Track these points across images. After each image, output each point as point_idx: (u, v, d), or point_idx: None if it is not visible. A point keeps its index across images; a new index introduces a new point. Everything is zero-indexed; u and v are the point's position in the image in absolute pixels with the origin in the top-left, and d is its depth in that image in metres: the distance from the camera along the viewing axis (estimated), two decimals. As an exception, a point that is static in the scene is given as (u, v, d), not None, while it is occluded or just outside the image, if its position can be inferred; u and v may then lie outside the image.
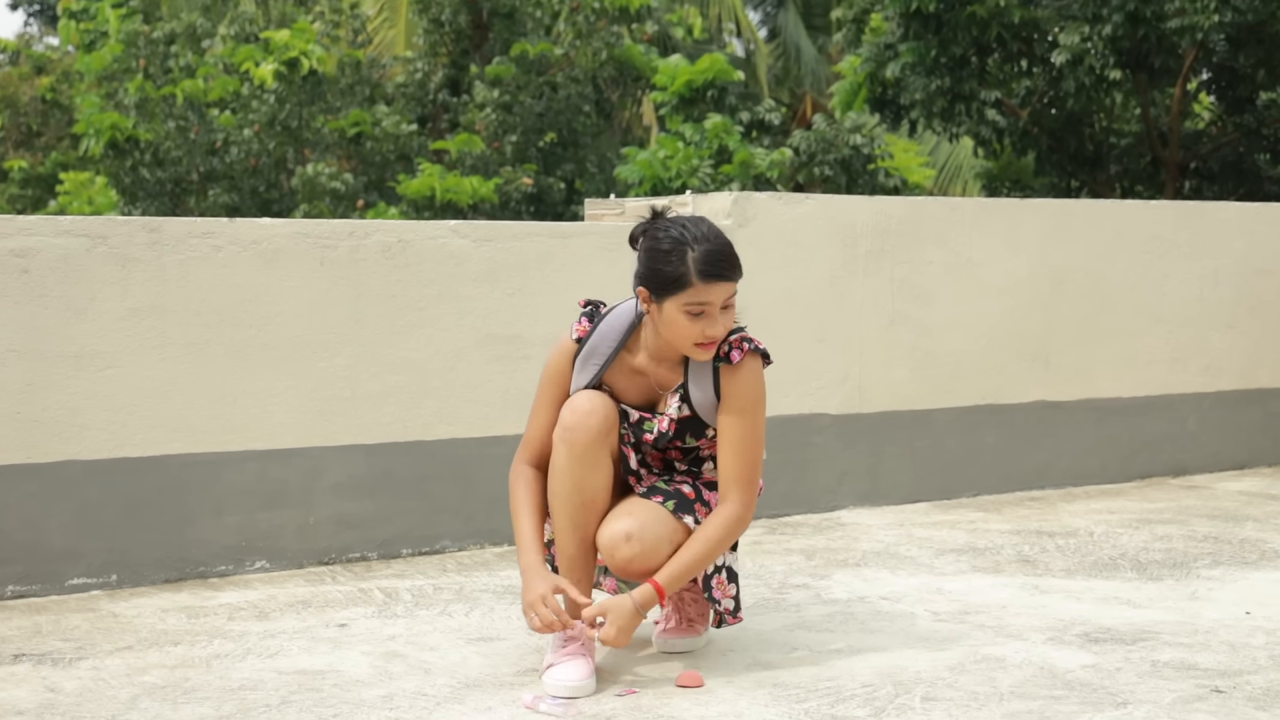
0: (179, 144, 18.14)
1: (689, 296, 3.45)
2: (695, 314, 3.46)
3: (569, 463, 3.58)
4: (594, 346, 3.68)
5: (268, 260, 4.91)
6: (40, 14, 37.74)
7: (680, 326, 3.49)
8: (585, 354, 3.67)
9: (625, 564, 3.56)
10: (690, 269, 3.44)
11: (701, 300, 3.45)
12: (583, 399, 3.60)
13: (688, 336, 3.49)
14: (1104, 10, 12.03)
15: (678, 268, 3.45)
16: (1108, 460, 6.63)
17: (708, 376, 3.64)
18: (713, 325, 3.48)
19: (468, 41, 19.14)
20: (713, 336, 3.49)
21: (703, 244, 3.47)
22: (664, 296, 3.48)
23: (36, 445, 4.58)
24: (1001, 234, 6.37)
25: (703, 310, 3.46)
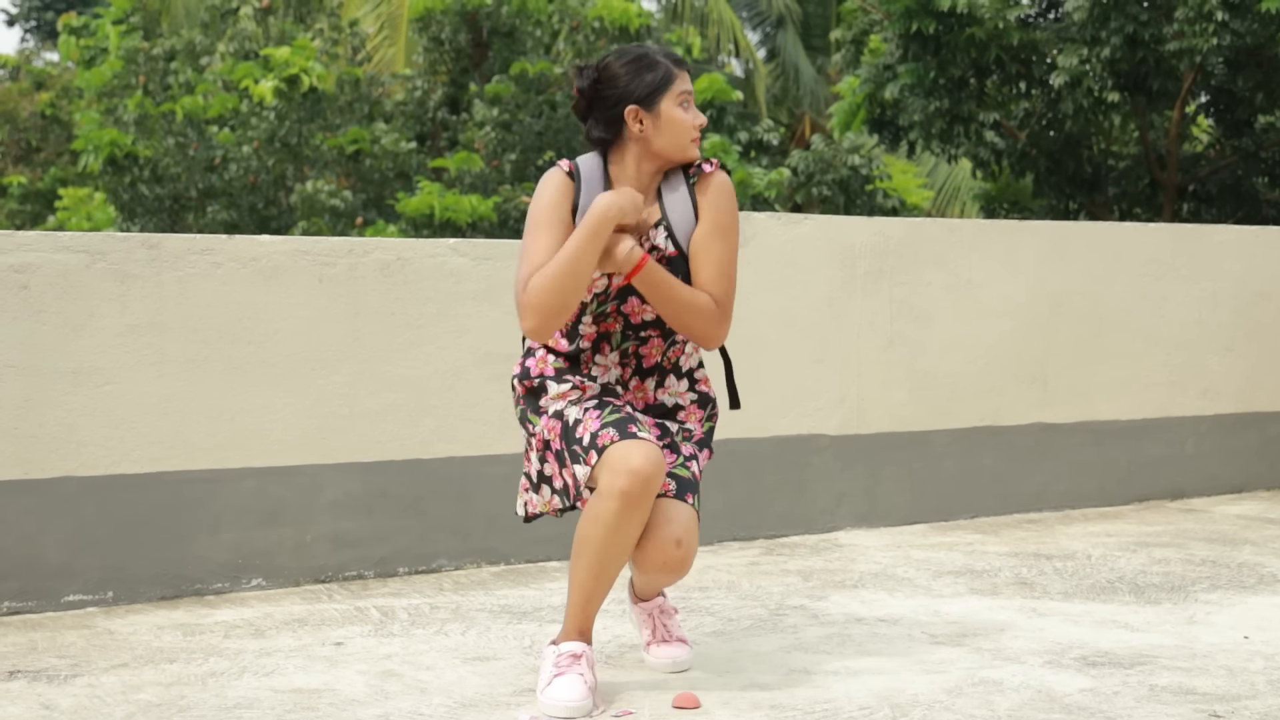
0: (178, 160, 18.15)
1: (678, 87, 3.68)
2: (685, 105, 3.69)
3: (623, 521, 3.46)
4: (588, 177, 3.70)
5: (266, 277, 4.91)
6: (39, 29, 37.83)
7: (680, 122, 3.68)
8: (586, 182, 3.68)
9: (677, 564, 3.60)
10: (667, 63, 3.70)
11: (685, 89, 3.70)
12: (643, 450, 3.46)
13: (686, 130, 3.69)
14: (1102, 33, 12.05)
15: (658, 69, 3.69)
16: (1106, 483, 6.63)
17: (684, 196, 3.74)
18: (699, 116, 3.74)
19: (467, 60, 19.16)
20: (701, 124, 3.73)
21: (661, 46, 3.88)
22: (656, 100, 3.66)
23: (34, 461, 4.57)
24: (1000, 256, 6.37)
25: (687, 99, 3.70)
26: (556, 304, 3.50)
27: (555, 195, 3.64)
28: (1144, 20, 12.01)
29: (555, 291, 3.49)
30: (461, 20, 18.60)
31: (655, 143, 3.66)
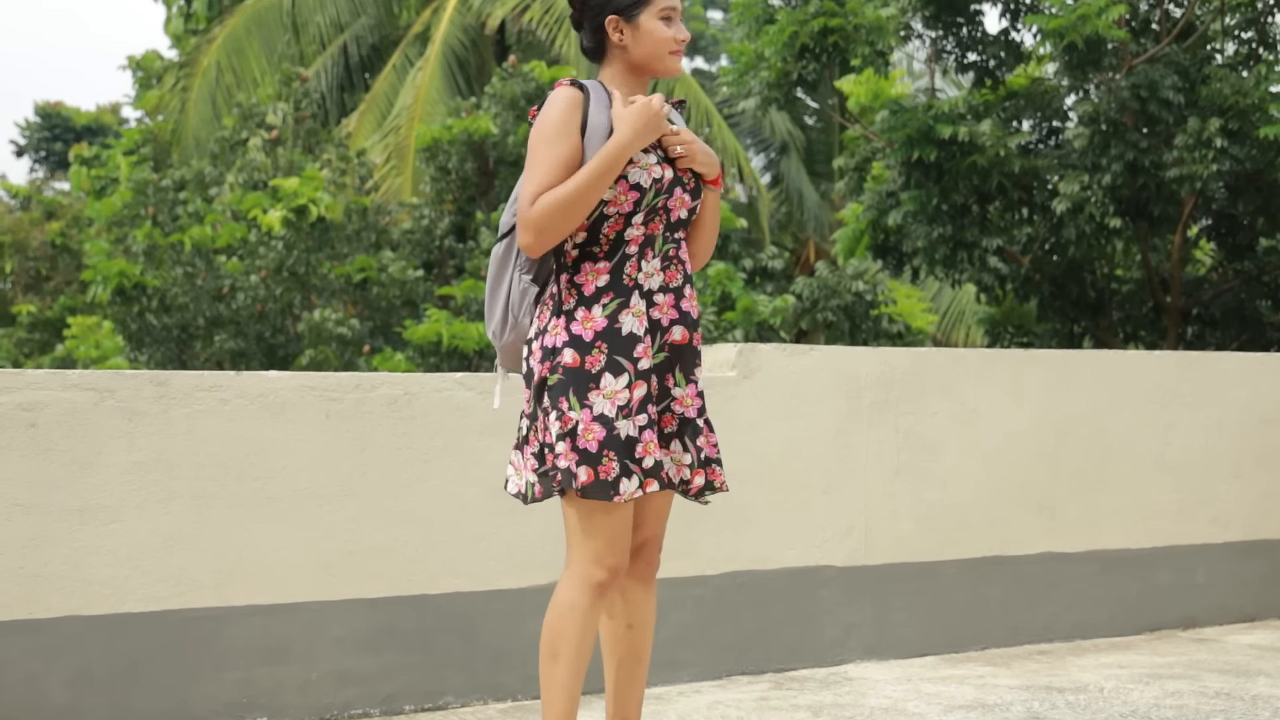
0: (186, 290, 18.25)
1: (663, 3, 3.73)
2: (667, 19, 3.74)
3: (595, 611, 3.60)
4: (595, 93, 3.73)
5: (274, 413, 4.92)
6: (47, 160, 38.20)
7: (659, 34, 3.73)
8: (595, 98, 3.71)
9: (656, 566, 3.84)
10: None
11: (669, 4, 3.75)
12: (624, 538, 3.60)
13: (665, 43, 3.74)
14: (1103, 160, 12.15)
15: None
16: (1116, 612, 6.59)
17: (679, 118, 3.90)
18: (681, 30, 3.78)
19: (474, 188, 19.32)
20: (684, 39, 3.77)
21: None
22: (637, 12, 3.72)
23: (38, 600, 4.56)
24: (1005, 385, 6.38)
25: (670, 14, 3.75)
26: (562, 227, 3.57)
27: (564, 110, 3.66)
28: (1144, 147, 12.11)
29: (563, 215, 3.55)
30: (468, 150, 18.77)
31: (634, 53, 3.75)
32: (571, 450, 3.56)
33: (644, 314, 3.66)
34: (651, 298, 3.69)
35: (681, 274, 3.76)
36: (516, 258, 3.77)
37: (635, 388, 3.62)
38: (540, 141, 3.62)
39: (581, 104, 3.66)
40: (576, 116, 3.64)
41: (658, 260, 3.71)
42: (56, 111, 38.61)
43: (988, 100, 13.07)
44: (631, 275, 3.68)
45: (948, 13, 12.96)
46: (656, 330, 3.70)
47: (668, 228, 3.73)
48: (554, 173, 3.57)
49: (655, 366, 3.69)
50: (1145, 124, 12.30)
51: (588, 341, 3.62)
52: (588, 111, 3.67)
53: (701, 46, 40.43)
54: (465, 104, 19.79)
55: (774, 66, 12.93)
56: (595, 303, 3.65)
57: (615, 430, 3.56)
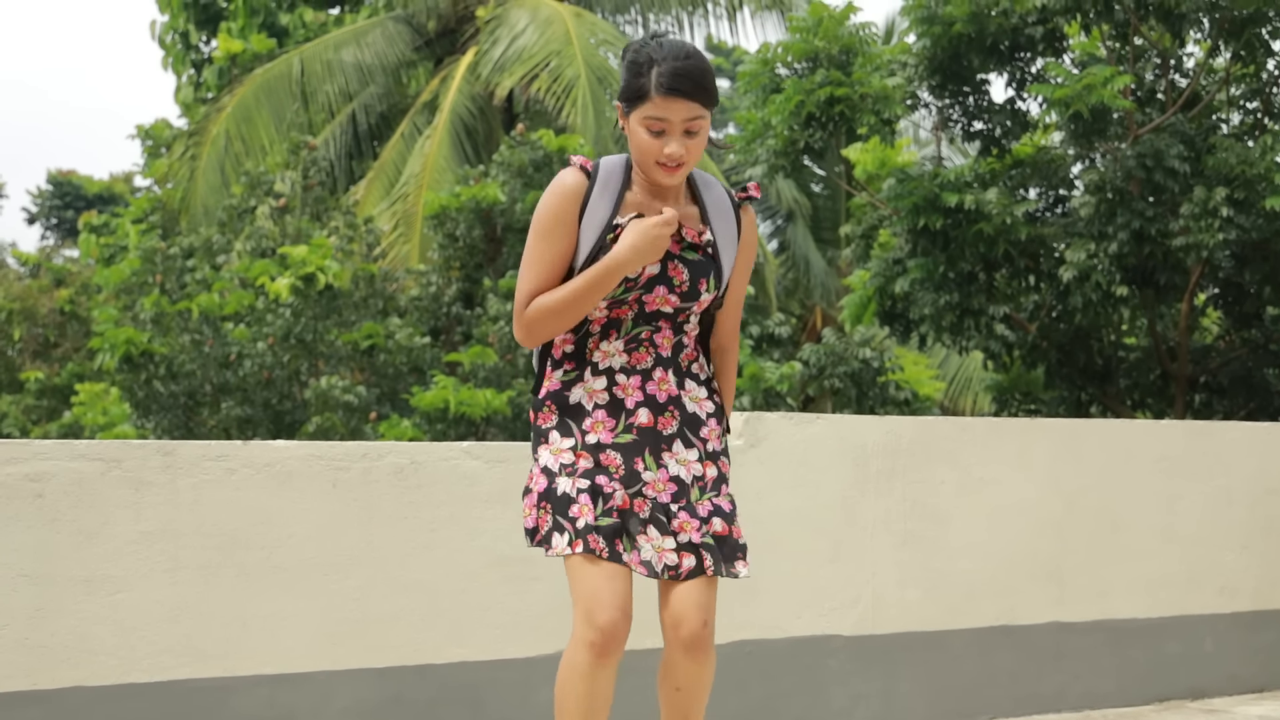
0: (193, 357, 18.29)
1: (648, 110, 3.49)
2: (655, 131, 3.49)
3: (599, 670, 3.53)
4: (605, 179, 3.61)
5: (281, 482, 4.93)
6: (58, 227, 38.39)
7: (641, 140, 3.52)
8: (601, 185, 3.59)
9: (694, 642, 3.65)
10: (651, 82, 3.47)
11: (659, 116, 3.48)
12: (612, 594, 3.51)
13: (649, 152, 3.52)
14: (1109, 228, 12.19)
15: (641, 79, 3.49)
16: (1125, 682, 6.56)
17: (730, 216, 3.73)
18: (670, 144, 3.50)
19: (481, 255, 19.39)
20: (671, 156, 3.50)
21: (670, 60, 3.48)
22: (630, 109, 3.53)
23: (44, 671, 4.55)
24: (1012, 454, 6.38)
25: (662, 128, 3.50)
26: (553, 330, 3.60)
27: (561, 202, 3.59)
28: (1150, 216, 12.15)
29: (553, 323, 3.57)
30: (476, 217, 18.85)
31: (631, 149, 3.62)
32: (531, 505, 3.67)
33: (601, 390, 3.66)
34: (613, 376, 3.67)
35: (653, 358, 3.69)
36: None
37: (580, 456, 3.63)
38: (535, 234, 3.61)
39: (582, 193, 3.59)
40: (574, 208, 3.58)
41: (621, 342, 3.67)
42: (68, 180, 38.86)
43: (994, 168, 13.14)
44: (590, 351, 3.68)
45: (953, 82, 13.04)
46: (620, 410, 3.67)
47: (640, 316, 3.67)
48: (546, 274, 3.57)
49: (622, 446, 3.66)
50: (1151, 193, 12.35)
51: (541, 399, 3.71)
52: (589, 200, 3.60)
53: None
54: (473, 172, 19.90)
55: (780, 135, 13.01)
56: (559, 367, 3.71)
57: (553, 484, 3.60)
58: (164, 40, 28.52)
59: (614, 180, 3.62)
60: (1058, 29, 12.69)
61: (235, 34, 26.87)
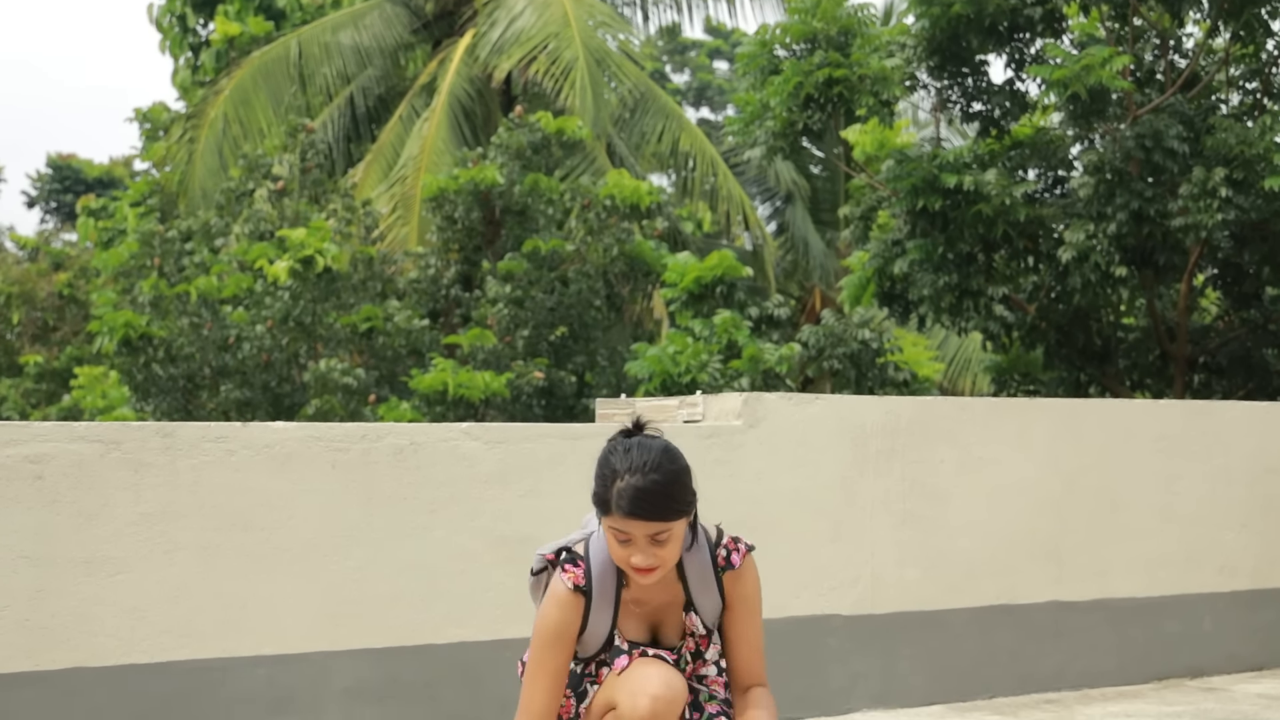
0: (192, 340, 18.28)
1: (612, 523, 3.43)
2: (622, 541, 3.44)
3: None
4: (600, 588, 3.57)
5: (280, 464, 4.93)
6: (58, 211, 38.35)
7: (612, 547, 3.47)
8: (598, 597, 3.55)
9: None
10: (613, 498, 3.41)
11: (623, 529, 3.42)
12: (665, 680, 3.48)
13: (620, 560, 3.47)
14: (1108, 209, 12.17)
15: (604, 494, 3.43)
16: (1124, 661, 6.56)
17: (711, 585, 3.64)
18: (637, 555, 3.43)
19: (480, 238, 19.37)
20: (637, 566, 3.44)
21: (633, 476, 3.40)
22: (601, 514, 3.47)
23: (45, 652, 4.55)
24: (1012, 434, 6.38)
25: (628, 539, 3.43)
26: None
27: (562, 618, 3.55)
28: (1149, 196, 12.13)
29: None
30: (474, 199, 18.83)
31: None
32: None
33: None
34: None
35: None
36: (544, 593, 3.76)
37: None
38: (539, 643, 3.57)
39: (581, 609, 3.56)
40: (575, 622, 3.56)
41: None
42: (68, 164, 38.79)
43: (993, 149, 13.11)
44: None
45: (952, 63, 13.00)
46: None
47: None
48: (551, 685, 3.54)
49: None
50: (1150, 173, 12.32)
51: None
52: (588, 614, 3.57)
53: (708, 96, 40.63)
54: (471, 154, 19.87)
55: (779, 116, 12.98)
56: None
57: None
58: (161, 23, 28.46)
59: (609, 587, 3.58)
60: (1056, 9, 12.66)
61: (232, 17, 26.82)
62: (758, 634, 3.69)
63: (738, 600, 3.66)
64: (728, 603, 3.65)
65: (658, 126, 24.45)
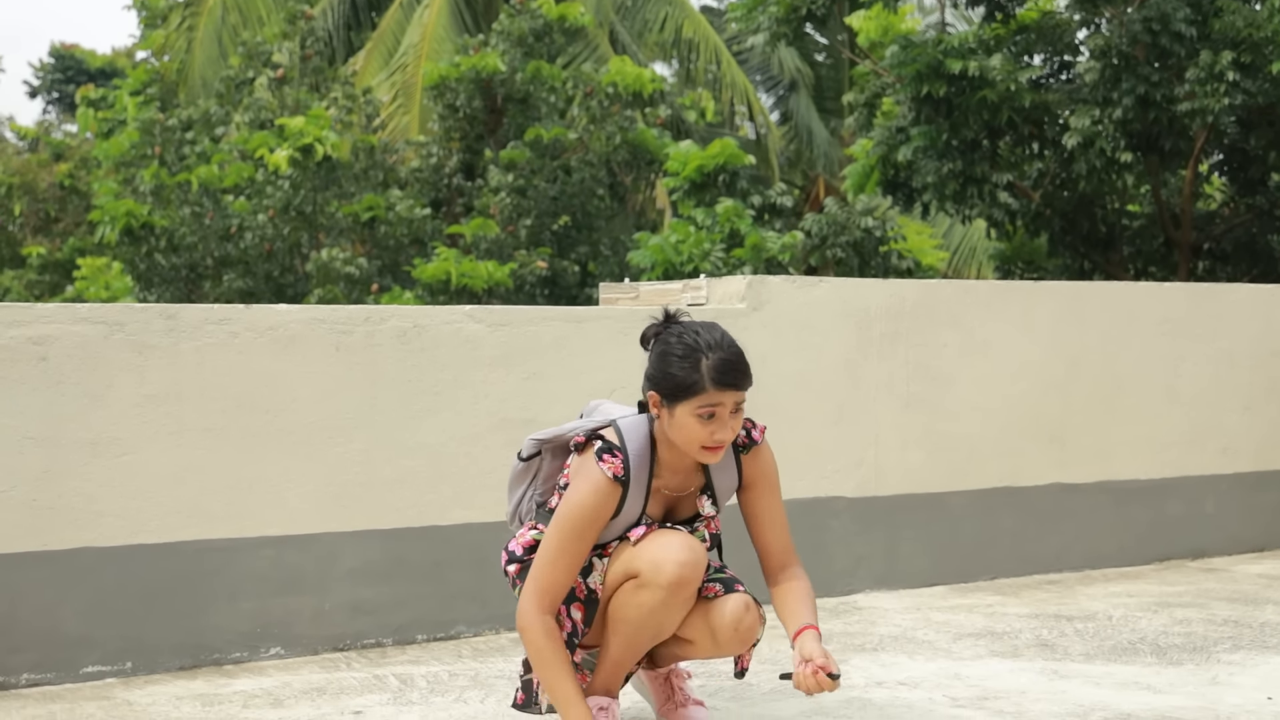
0: (194, 230, 18.25)
1: (702, 401, 3.48)
2: (707, 417, 3.49)
3: (665, 610, 3.55)
4: (636, 477, 3.61)
5: (283, 346, 4.93)
6: (59, 101, 38.12)
7: (691, 430, 3.51)
8: (634, 486, 3.60)
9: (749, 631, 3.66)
10: (704, 376, 3.48)
11: (714, 403, 3.48)
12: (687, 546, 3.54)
13: (697, 440, 3.51)
14: (1114, 94, 12.10)
15: (690, 375, 3.48)
16: (1126, 542, 6.60)
17: (731, 465, 3.71)
18: (723, 429, 3.51)
19: (482, 126, 19.27)
20: (721, 441, 3.52)
21: (716, 351, 3.51)
22: (676, 402, 3.51)
23: (52, 532, 4.58)
24: (1016, 317, 6.37)
25: (714, 413, 3.49)
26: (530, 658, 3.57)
27: (598, 506, 3.55)
28: (1155, 81, 12.05)
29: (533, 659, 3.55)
30: (476, 87, 18.71)
31: (669, 433, 3.58)
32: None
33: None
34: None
35: None
36: (533, 480, 3.87)
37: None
38: (569, 530, 3.55)
39: (617, 499, 3.57)
40: (609, 512, 3.57)
41: None
42: (70, 54, 38.49)
43: (998, 34, 13.01)
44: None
45: (958, -55, 12.88)
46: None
47: None
48: (571, 569, 3.54)
49: None
50: (1157, 57, 12.24)
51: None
52: (623, 503, 3.59)
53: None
54: (473, 41, 19.71)
55: (782, 1, 12.86)
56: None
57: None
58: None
59: (643, 476, 3.62)
60: (1064, -110, 12.52)
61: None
62: (781, 511, 3.78)
63: (759, 477, 3.74)
64: (747, 481, 3.73)
65: (660, 13, 24.24)
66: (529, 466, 3.90)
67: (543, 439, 3.84)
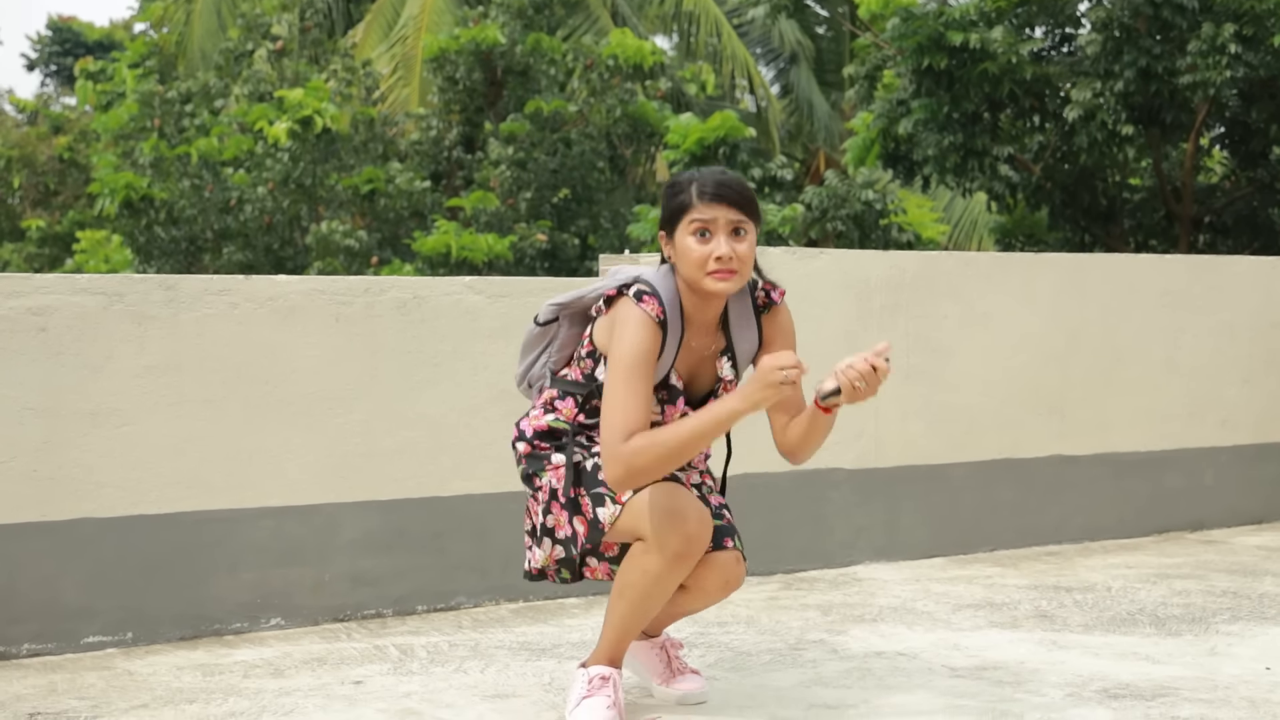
0: (193, 202, 18.23)
1: (692, 217, 3.53)
2: (701, 235, 3.53)
3: (671, 576, 3.55)
4: (671, 325, 3.60)
5: (283, 317, 4.92)
6: (58, 74, 38.05)
7: (691, 253, 3.54)
8: (670, 333, 3.59)
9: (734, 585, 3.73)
10: (692, 192, 3.55)
11: (703, 218, 3.53)
12: (696, 512, 3.53)
13: (698, 263, 3.53)
14: (1115, 66, 12.07)
15: (681, 195, 3.57)
16: (1125, 514, 6.61)
17: (752, 325, 3.75)
18: (720, 247, 3.52)
19: (482, 99, 19.24)
20: (723, 258, 3.52)
21: (709, 176, 3.60)
22: (674, 227, 3.58)
23: (53, 503, 4.58)
24: (1016, 288, 6.37)
25: (706, 228, 3.53)
26: (657, 473, 3.49)
27: (649, 341, 3.53)
28: (1157, 53, 12.02)
29: (664, 464, 3.47)
30: (476, 60, 18.68)
31: (679, 268, 3.60)
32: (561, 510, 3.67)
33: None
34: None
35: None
36: (549, 346, 3.86)
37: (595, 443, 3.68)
38: (630, 367, 3.51)
39: (661, 341, 3.56)
40: (657, 346, 3.56)
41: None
42: (68, 26, 38.41)
43: (999, 6, 12.97)
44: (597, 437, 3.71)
45: (959, -83, 12.85)
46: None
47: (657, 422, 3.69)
48: (641, 406, 3.49)
49: None
50: (1158, 30, 12.20)
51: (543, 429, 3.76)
52: (663, 347, 3.58)
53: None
54: (472, 13, 19.67)
55: (783, -28, 12.81)
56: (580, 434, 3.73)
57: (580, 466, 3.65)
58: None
59: (676, 326, 3.61)
60: None
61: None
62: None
63: (777, 335, 3.78)
64: (766, 340, 3.76)
65: (661, -15, 24.15)
66: (545, 332, 3.88)
67: (561, 303, 3.82)
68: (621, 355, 3.52)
